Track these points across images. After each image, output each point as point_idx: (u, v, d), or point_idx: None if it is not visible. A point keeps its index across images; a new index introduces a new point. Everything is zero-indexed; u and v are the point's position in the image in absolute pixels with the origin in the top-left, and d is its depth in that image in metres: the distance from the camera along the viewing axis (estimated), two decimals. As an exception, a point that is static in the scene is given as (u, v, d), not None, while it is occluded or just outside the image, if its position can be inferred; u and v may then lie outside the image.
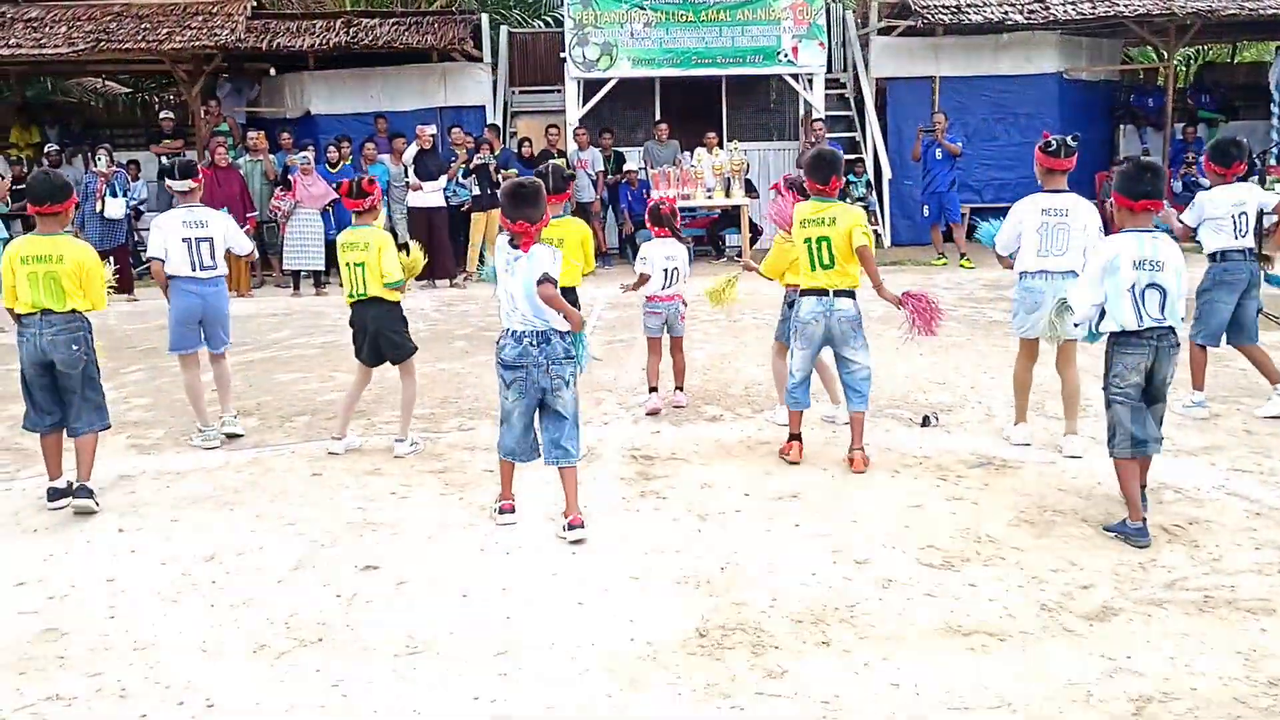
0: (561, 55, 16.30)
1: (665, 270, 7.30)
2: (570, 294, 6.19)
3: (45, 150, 17.41)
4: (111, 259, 8.98)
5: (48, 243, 5.63)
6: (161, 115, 17.33)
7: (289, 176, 14.26)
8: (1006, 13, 16.56)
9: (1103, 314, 4.89)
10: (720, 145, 16.00)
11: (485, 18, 17.59)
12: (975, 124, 17.04)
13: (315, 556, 4.94)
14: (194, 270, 6.75)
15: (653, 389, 7.39)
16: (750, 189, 15.71)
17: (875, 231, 13.50)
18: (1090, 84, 18.14)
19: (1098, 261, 4.85)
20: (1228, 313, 6.80)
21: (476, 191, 14.91)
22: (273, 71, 18.04)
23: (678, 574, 4.64)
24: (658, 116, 17.03)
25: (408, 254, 6.64)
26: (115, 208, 14.16)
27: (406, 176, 15.15)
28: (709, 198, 15.30)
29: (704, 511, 5.41)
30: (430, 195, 14.10)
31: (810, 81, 16.46)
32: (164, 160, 16.65)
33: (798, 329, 6.17)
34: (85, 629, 4.25)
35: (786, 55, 16.06)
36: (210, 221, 6.87)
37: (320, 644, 4.08)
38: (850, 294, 6.08)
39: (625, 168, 15.89)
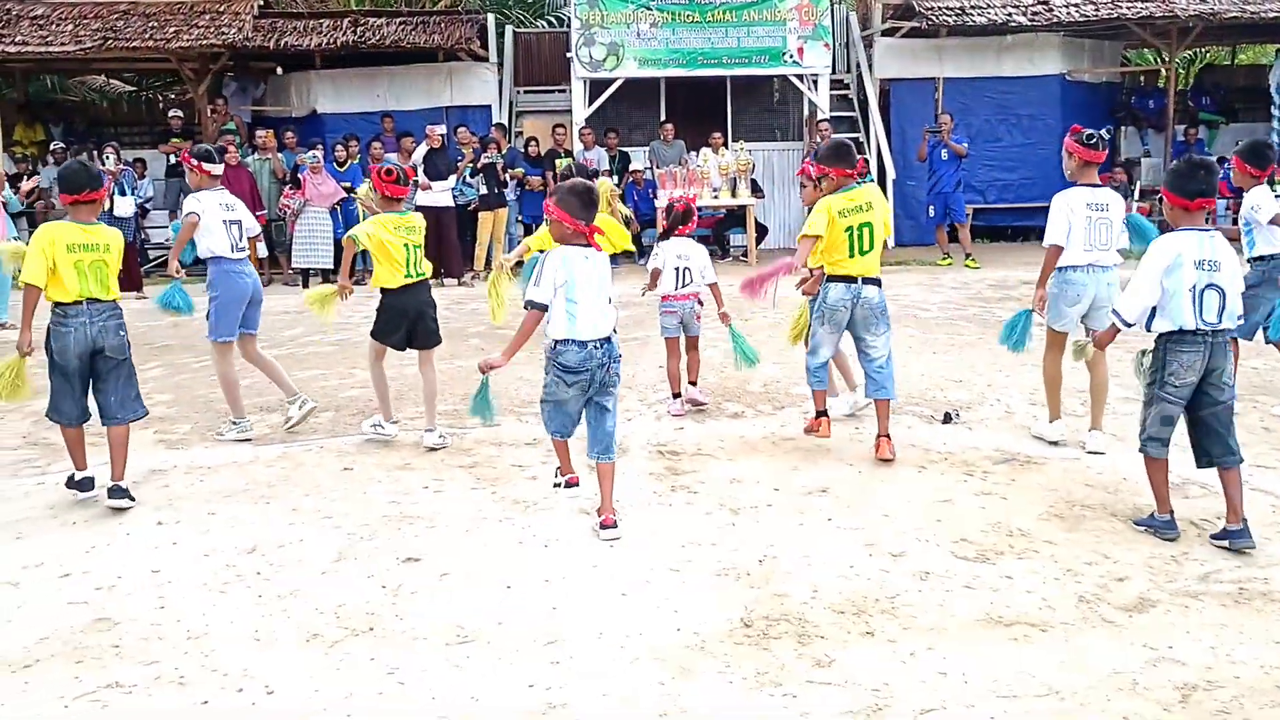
0: (568, 55, 16.35)
1: (677, 269, 7.33)
2: None
3: (51, 148, 17.43)
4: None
5: (93, 232, 5.67)
6: (170, 114, 17.34)
7: (298, 175, 14.30)
8: (1010, 14, 16.64)
9: (1153, 313, 4.89)
10: (725, 145, 16.09)
11: (491, 17, 17.62)
12: (978, 125, 17.11)
13: (355, 549, 5.00)
14: (233, 251, 6.83)
15: (676, 394, 7.38)
16: (756, 189, 15.78)
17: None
18: (1092, 86, 18.24)
19: (1158, 261, 4.79)
20: (1267, 310, 6.89)
21: (484, 191, 14.96)
22: (279, 70, 18.07)
23: (716, 566, 4.70)
24: (663, 117, 17.08)
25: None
26: (124, 206, 14.20)
27: (414, 176, 15.20)
28: (715, 198, 15.35)
29: (735, 506, 5.47)
30: (439, 195, 14.13)
31: (815, 82, 16.54)
32: (172, 159, 16.81)
33: (824, 314, 6.26)
34: (136, 618, 4.30)
35: (792, 56, 16.14)
36: (237, 205, 7.05)
37: (371, 633, 4.14)
38: (877, 282, 6.19)
39: (631, 168, 15.95)
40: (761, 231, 16.30)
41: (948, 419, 6.92)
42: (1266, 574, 4.48)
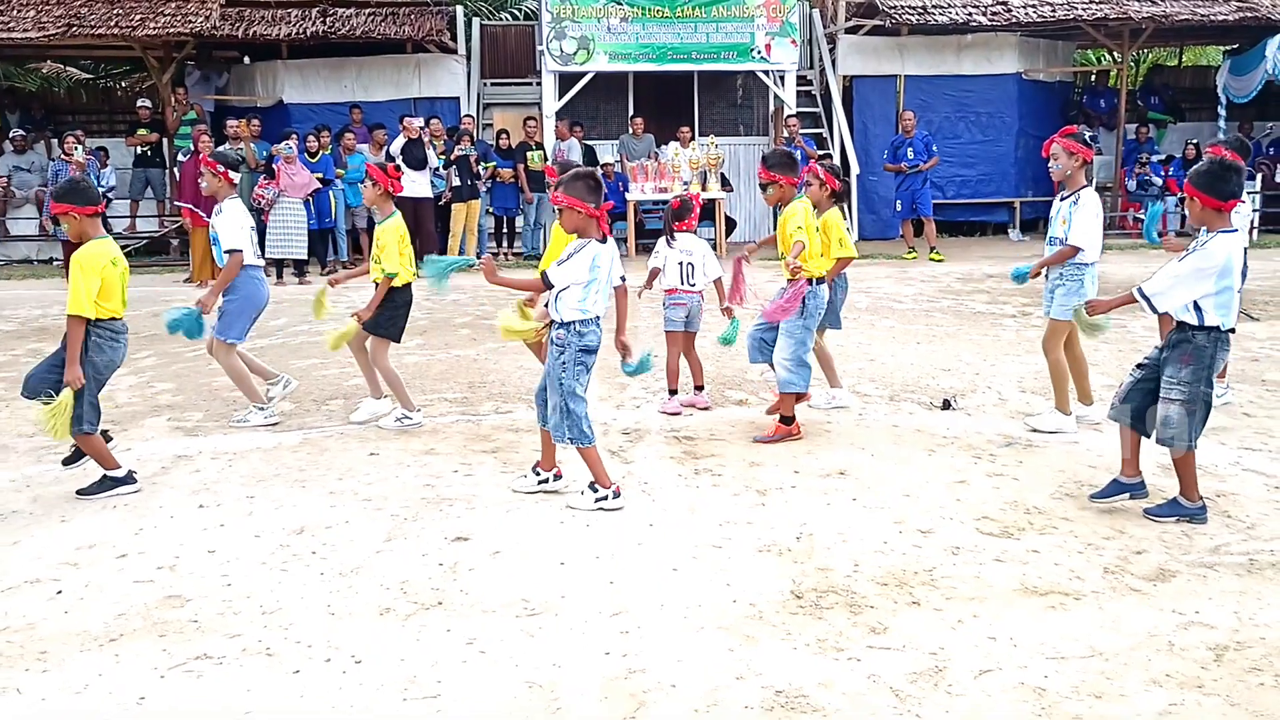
0: (539, 48, 16.49)
1: (681, 265, 7.48)
2: None
3: (10, 135, 17.24)
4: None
5: (114, 245, 5.75)
6: (139, 104, 17.18)
7: (272, 165, 14.30)
8: (970, 14, 17.07)
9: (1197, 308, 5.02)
10: (692, 140, 16.34)
11: (460, 9, 17.70)
12: (938, 122, 17.54)
13: (403, 529, 5.15)
14: (255, 258, 6.94)
15: (672, 391, 7.42)
16: (725, 183, 16.03)
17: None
18: (1047, 85, 18.75)
19: (1214, 260, 4.91)
20: None
21: (456, 183, 15.07)
22: (247, 60, 17.99)
23: (756, 543, 4.92)
24: (631, 111, 17.29)
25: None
26: (92, 195, 14.05)
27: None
28: (686, 191, 15.58)
29: (761, 487, 5.70)
30: (417, 185, 14.22)
31: (782, 78, 16.83)
32: (139, 151, 16.70)
33: (815, 315, 6.56)
34: (206, 595, 4.43)
35: (760, 52, 16.43)
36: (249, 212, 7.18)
37: (440, 607, 4.30)
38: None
39: (601, 161, 16.13)
40: (730, 225, 16.56)
41: (947, 405, 7.21)
42: (1272, 547, 4.80)
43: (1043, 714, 3.46)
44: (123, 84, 20.78)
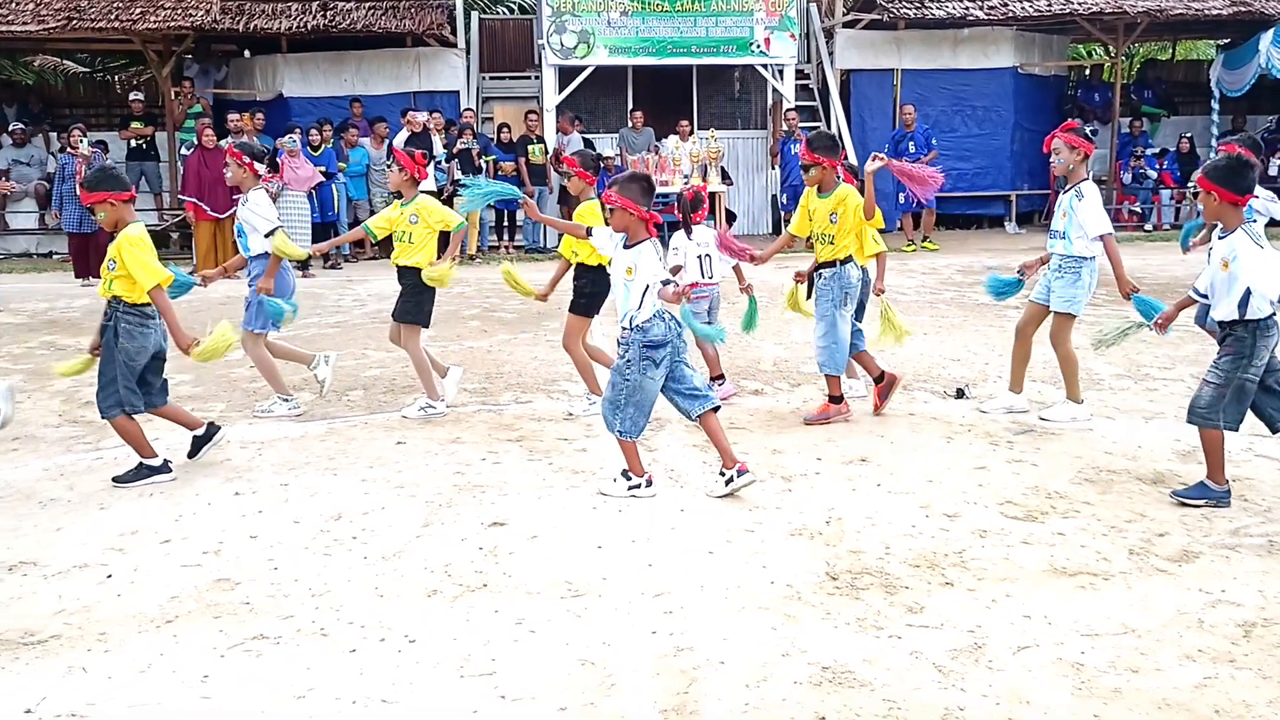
0: (540, 42, 16.55)
1: (700, 258, 7.58)
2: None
3: (9, 129, 17.23)
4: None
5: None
6: (131, 97, 17.20)
7: (275, 159, 14.34)
8: (967, 9, 17.21)
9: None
10: (691, 133, 16.43)
11: (460, 3, 17.74)
12: (935, 116, 17.65)
13: (439, 515, 5.25)
14: None
15: (720, 378, 7.50)
16: (725, 176, 16.14)
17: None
18: (1042, 79, 18.89)
19: (1251, 256, 5.02)
20: None
21: (459, 176, 15.12)
22: (248, 53, 18.01)
23: (787, 527, 5.04)
24: (631, 104, 17.37)
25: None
26: (97, 189, 14.06)
27: (389, 160, 15.32)
28: (686, 184, 15.67)
29: (786, 474, 5.81)
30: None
31: (781, 72, 16.94)
32: (133, 144, 16.70)
33: (849, 294, 6.70)
34: (255, 579, 4.52)
35: (759, 46, 16.53)
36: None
37: (486, 589, 4.40)
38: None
39: (601, 155, 16.19)
40: (730, 218, 16.64)
41: (960, 394, 7.33)
42: (1290, 529, 4.94)
43: (1083, 688, 3.57)
44: (119, 78, 20.74)
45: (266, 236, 6.88)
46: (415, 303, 7.02)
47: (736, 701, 3.51)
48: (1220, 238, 5.18)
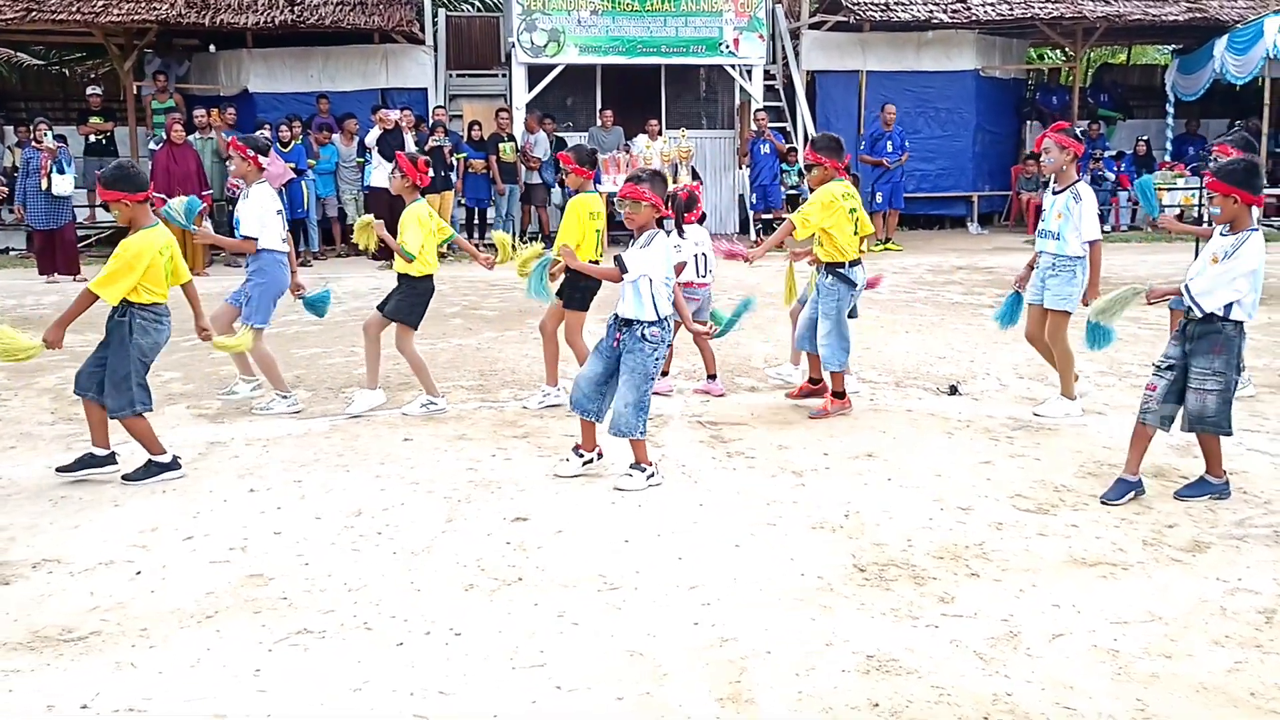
0: (510, 40, 16.53)
1: (696, 256, 7.65)
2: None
3: (-32, 123, 16.90)
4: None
5: (164, 233, 5.77)
6: (89, 91, 16.93)
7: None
8: (931, 11, 17.43)
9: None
10: (660, 133, 16.51)
11: (429, 0, 17.67)
12: (899, 117, 17.77)
13: (459, 510, 5.27)
14: (283, 244, 7.00)
15: (711, 376, 7.62)
16: (695, 176, 16.21)
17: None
18: (1002, 81, 19.19)
19: (1250, 264, 5.13)
20: None
21: (430, 174, 15.05)
22: (213, 48, 17.80)
23: (807, 521, 5.12)
24: (600, 103, 17.41)
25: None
26: (63, 184, 13.85)
27: (360, 157, 15.31)
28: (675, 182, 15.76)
29: (796, 469, 5.90)
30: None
31: (749, 73, 17.06)
32: (91, 139, 16.45)
33: (851, 296, 6.79)
34: (287, 574, 4.52)
35: (728, 46, 16.64)
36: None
37: (521, 583, 4.44)
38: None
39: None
40: (700, 218, 16.72)
41: (953, 391, 7.46)
42: (1292, 520, 5.11)
43: (1121, 673, 3.69)
44: (75, 70, 20.40)
45: (243, 238, 6.88)
46: (409, 304, 7.01)
47: (789, 690, 3.59)
48: (1223, 234, 5.32)
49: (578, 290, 7.06)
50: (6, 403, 7.46)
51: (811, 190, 7.05)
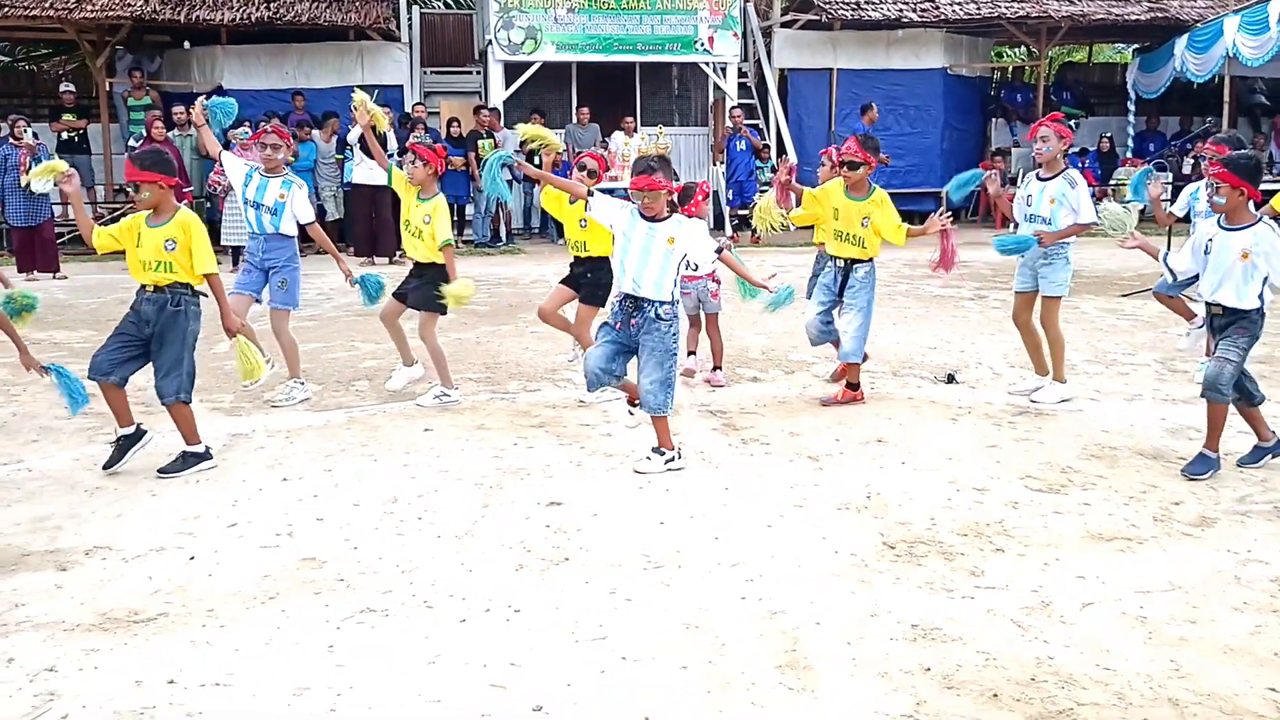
0: (487, 37, 16.64)
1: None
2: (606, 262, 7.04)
3: (-64, 119, 16.70)
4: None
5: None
6: (62, 88, 16.82)
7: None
8: (901, 10, 17.74)
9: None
10: (636, 130, 16.69)
11: (404, -1, 17.75)
12: (870, 114, 18.15)
13: (494, 497, 5.42)
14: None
15: (690, 352, 7.87)
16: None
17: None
18: (969, 80, 19.55)
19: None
20: None
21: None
22: (186, 44, 17.75)
23: (832, 502, 5.32)
24: (575, 100, 17.55)
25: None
26: (42, 181, 13.75)
27: (338, 154, 15.34)
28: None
29: (812, 454, 6.10)
30: (375, 173, 14.25)
31: (724, 70, 17.28)
32: (64, 137, 16.34)
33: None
34: (339, 557, 4.65)
35: (703, 44, 16.85)
36: None
37: (568, 563, 4.60)
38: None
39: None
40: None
41: (951, 379, 7.70)
42: (1290, 495, 5.38)
43: (1151, 637, 3.92)
44: (43, 67, 20.25)
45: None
46: (436, 293, 7.14)
47: (844, 657, 3.78)
48: (1226, 229, 5.57)
49: (586, 285, 7.24)
50: (17, 398, 7.51)
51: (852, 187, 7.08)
